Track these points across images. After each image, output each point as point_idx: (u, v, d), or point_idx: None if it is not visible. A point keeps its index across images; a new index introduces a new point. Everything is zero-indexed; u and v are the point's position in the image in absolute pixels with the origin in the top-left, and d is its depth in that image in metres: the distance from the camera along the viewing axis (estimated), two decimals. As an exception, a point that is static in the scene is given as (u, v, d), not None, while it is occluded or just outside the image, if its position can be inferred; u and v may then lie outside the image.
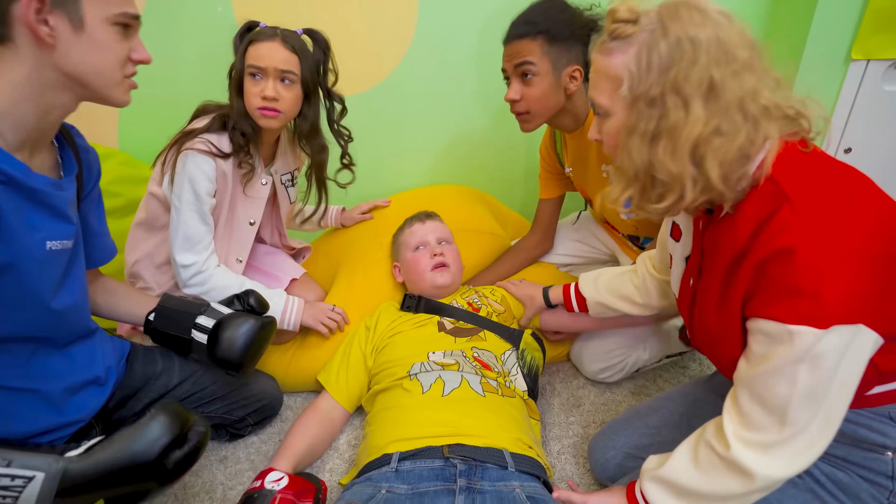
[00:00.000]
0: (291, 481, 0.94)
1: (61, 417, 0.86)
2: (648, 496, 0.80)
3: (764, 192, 0.67)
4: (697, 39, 0.63)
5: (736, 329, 0.72)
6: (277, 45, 1.11)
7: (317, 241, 1.61)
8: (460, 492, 0.84)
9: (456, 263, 1.29)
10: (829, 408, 0.66)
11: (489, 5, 1.54)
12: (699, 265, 0.80)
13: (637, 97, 0.66)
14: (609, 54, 0.69)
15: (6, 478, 0.61)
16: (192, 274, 1.16)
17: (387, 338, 1.20)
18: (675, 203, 0.68)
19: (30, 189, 0.74)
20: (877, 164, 1.57)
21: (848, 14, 1.38)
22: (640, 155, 0.67)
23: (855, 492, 0.75)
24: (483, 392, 1.02)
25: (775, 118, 0.67)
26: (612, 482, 1.02)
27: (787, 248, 0.63)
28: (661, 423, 0.99)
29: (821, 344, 0.62)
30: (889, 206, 0.68)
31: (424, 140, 1.75)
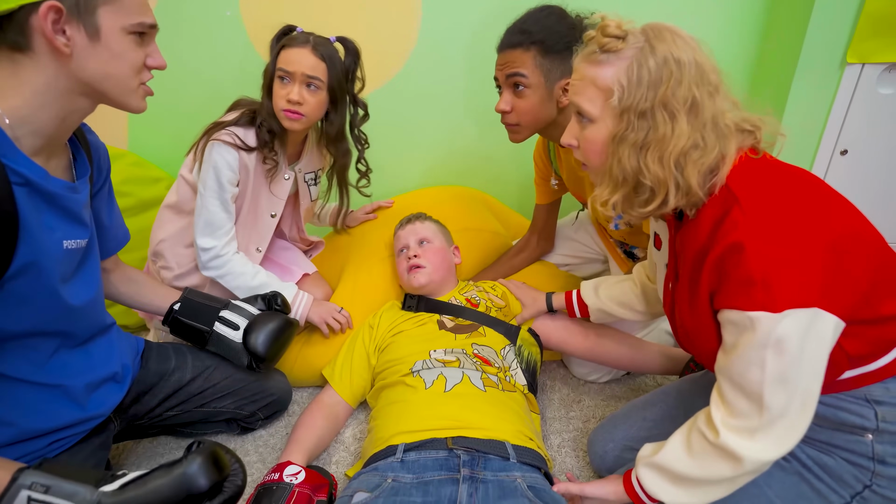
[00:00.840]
0: (308, 475, 0.97)
1: (83, 412, 0.89)
2: (644, 482, 0.83)
3: (718, 196, 0.74)
4: (681, 60, 0.70)
5: (709, 323, 0.77)
6: (307, 52, 1.16)
7: (325, 240, 1.65)
8: (464, 481, 0.87)
9: (435, 262, 1.30)
10: (804, 391, 0.70)
11: (492, 10, 1.56)
12: (675, 269, 0.85)
13: (627, 108, 0.72)
14: (599, 65, 0.74)
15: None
16: (212, 257, 1.21)
17: (389, 337, 1.23)
18: (659, 206, 0.74)
19: (47, 192, 0.77)
20: (873, 165, 1.59)
21: (843, 19, 1.41)
22: (630, 162, 0.73)
23: (839, 474, 0.79)
24: (484, 387, 1.05)
25: (736, 134, 0.73)
26: (610, 473, 1.04)
27: (737, 243, 0.68)
28: (657, 417, 1.02)
29: (779, 328, 0.66)
30: (833, 201, 0.73)
31: (427, 142, 1.78)
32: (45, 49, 0.73)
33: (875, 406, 0.75)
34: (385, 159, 1.78)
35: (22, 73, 0.73)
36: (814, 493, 0.80)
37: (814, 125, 1.56)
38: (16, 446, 0.81)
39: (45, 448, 0.85)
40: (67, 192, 0.81)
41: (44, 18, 0.71)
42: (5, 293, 0.75)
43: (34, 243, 0.75)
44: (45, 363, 0.84)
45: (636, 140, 0.72)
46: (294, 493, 0.93)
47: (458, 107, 1.72)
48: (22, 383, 0.82)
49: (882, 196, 1.63)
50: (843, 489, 0.78)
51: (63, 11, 0.72)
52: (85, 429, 0.91)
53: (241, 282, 1.24)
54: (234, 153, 1.17)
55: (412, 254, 1.30)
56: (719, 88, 0.72)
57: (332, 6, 1.57)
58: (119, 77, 0.79)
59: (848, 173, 1.61)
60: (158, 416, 1.09)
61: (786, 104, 1.53)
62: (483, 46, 1.62)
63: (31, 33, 0.72)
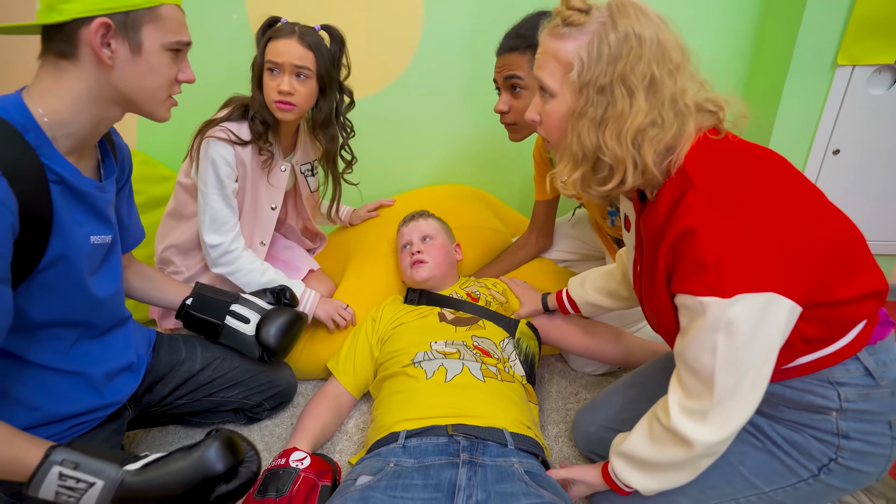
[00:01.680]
0: (313, 461, 1.01)
1: (101, 399, 0.93)
2: (615, 470, 0.87)
3: (675, 178, 0.73)
4: (642, 36, 0.69)
5: (668, 306, 0.77)
6: (294, 42, 1.17)
7: (328, 237, 1.69)
8: (463, 465, 0.90)
9: (437, 257, 1.34)
10: (754, 373, 0.70)
11: (494, 13, 1.61)
12: (641, 251, 0.86)
13: (586, 83, 0.71)
14: (561, 39, 0.73)
15: (73, 479, 0.69)
16: (221, 253, 1.24)
17: (391, 329, 1.27)
18: (617, 185, 0.74)
19: (79, 191, 0.83)
20: (864, 164, 1.63)
21: (833, 22, 1.45)
22: (590, 138, 0.72)
23: (807, 450, 0.81)
24: (483, 377, 1.08)
25: (697, 113, 0.73)
26: (594, 454, 1.08)
27: (689, 227, 0.68)
28: (637, 398, 1.04)
29: (729, 312, 0.67)
30: (795, 183, 0.73)
31: (429, 141, 1.82)
32: (90, 59, 0.78)
33: (838, 388, 0.77)
34: (389, 158, 1.83)
35: (64, 79, 0.78)
36: (784, 469, 0.83)
37: (806, 125, 1.60)
38: (39, 429, 0.85)
39: (65, 431, 0.89)
40: (96, 191, 0.86)
41: (94, 32, 0.76)
42: (36, 283, 0.79)
43: (65, 237, 0.80)
44: (67, 351, 0.89)
45: (595, 116, 0.71)
46: (300, 478, 0.96)
47: (459, 108, 1.77)
48: (47, 370, 0.86)
49: (874, 194, 1.67)
50: (812, 463, 0.81)
51: (112, 27, 0.77)
52: (102, 415, 0.95)
53: (250, 279, 1.27)
54: (229, 148, 1.19)
55: (415, 249, 1.34)
56: (681, 67, 0.71)
57: (337, 10, 1.61)
58: (152, 89, 0.84)
59: (840, 172, 1.65)
60: (169, 404, 1.13)
61: (779, 105, 1.57)
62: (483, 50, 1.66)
63: (79, 44, 0.77)
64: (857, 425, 0.78)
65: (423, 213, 1.44)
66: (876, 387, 0.77)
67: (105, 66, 0.79)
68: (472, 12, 1.62)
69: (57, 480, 0.68)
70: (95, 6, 0.76)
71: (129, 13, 0.79)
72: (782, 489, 0.83)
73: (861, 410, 0.78)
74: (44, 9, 0.76)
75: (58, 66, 0.78)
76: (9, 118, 0.74)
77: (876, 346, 0.77)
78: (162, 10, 0.82)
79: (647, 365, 1.14)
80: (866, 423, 0.78)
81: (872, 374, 0.77)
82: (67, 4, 0.75)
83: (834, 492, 0.82)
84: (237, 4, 1.59)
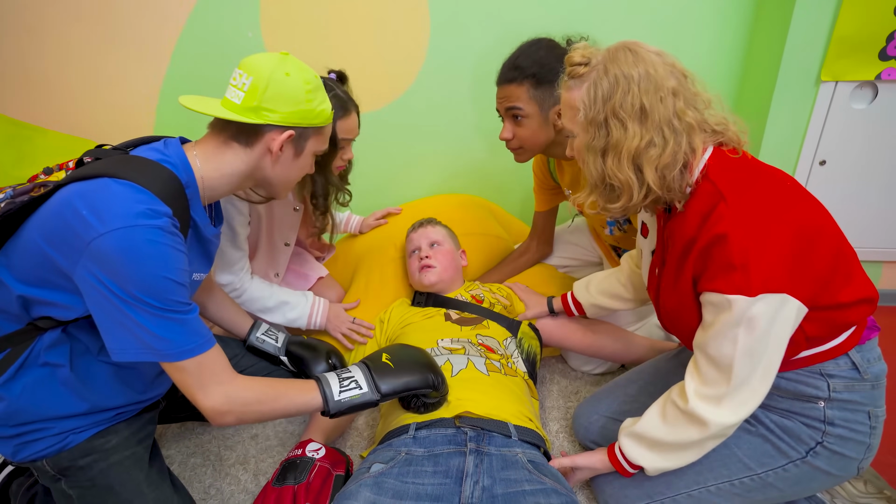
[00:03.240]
0: (328, 452, 1.07)
1: (146, 394, 0.99)
2: (625, 450, 0.94)
3: (704, 191, 0.83)
4: (630, 75, 0.81)
5: (690, 304, 0.87)
6: (356, 118, 1.26)
7: (337, 245, 1.75)
8: (470, 453, 0.96)
9: (444, 262, 1.40)
10: (766, 364, 0.80)
11: (497, 30, 1.69)
12: (662, 256, 0.95)
13: (589, 122, 0.85)
14: (570, 90, 0.89)
15: (341, 372, 0.96)
16: (231, 290, 1.31)
17: (399, 329, 1.33)
18: (626, 203, 0.85)
19: (203, 238, 0.95)
20: (849, 174, 1.71)
21: (816, 41, 1.53)
22: (596, 166, 0.86)
23: (797, 434, 0.90)
24: (487, 372, 1.14)
25: (702, 131, 0.83)
26: (593, 443, 1.15)
27: (722, 234, 0.78)
28: (637, 392, 1.13)
29: (752, 309, 0.76)
30: (802, 198, 0.83)
31: (434, 154, 1.89)
32: (259, 152, 0.92)
33: (828, 379, 0.87)
34: (396, 169, 1.90)
35: (229, 156, 0.92)
36: (776, 451, 0.91)
37: (793, 138, 1.68)
38: (88, 416, 0.91)
39: (111, 419, 0.94)
40: (214, 238, 0.99)
41: (282, 140, 0.90)
42: None
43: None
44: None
45: (597, 146, 0.84)
46: (316, 466, 1.03)
47: (463, 122, 1.84)
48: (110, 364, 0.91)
49: (859, 202, 1.75)
50: (800, 446, 0.89)
51: (293, 136, 0.91)
52: (144, 405, 1.01)
53: (259, 305, 1.34)
54: (244, 202, 1.23)
55: (424, 254, 1.41)
56: (678, 91, 0.82)
57: (348, 27, 1.69)
58: (292, 181, 1.00)
59: (827, 182, 1.73)
60: None
61: (767, 119, 1.65)
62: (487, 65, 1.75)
63: (259, 140, 0.91)
64: (842, 413, 0.87)
65: (431, 221, 1.51)
66: (860, 380, 0.86)
67: (269, 160, 0.93)
68: (477, 29, 1.70)
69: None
70: (289, 120, 0.90)
71: (308, 128, 0.93)
72: (773, 471, 0.91)
73: (846, 400, 0.87)
74: (246, 108, 0.89)
75: (228, 145, 0.91)
76: (176, 172, 0.85)
77: (863, 346, 0.87)
78: (327, 128, 0.98)
79: (644, 365, 1.22)
80: (849, 412, 0.87)
81: (858, 369, 0.86)
82: (269, 113, 0.88)
83: (820, 475, 0.90)
84: (252, 23, 1.67)
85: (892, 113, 1.61)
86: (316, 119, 0.93)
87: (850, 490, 1.04)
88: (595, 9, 1.68)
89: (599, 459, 0.99)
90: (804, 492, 0.94)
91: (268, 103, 0.88)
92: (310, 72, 0.93)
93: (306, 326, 1.38)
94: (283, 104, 0.89)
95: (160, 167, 0.84)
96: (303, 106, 0.90)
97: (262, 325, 1.28)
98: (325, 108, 0.95)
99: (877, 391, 0.87)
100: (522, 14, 1.68)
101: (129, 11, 1.63)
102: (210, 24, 1.66)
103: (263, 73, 0.88)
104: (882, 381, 0.88)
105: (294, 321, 1.37)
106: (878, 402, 0.88)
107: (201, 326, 0.84)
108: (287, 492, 0.97)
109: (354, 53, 1.71)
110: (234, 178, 0.93)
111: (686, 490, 0.94)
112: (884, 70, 1.54)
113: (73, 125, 1.75)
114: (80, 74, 1.67)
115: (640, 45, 0.84)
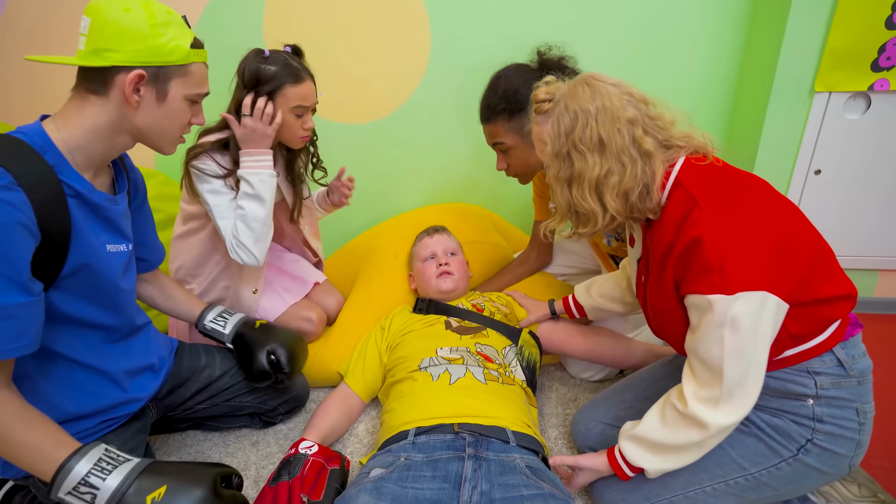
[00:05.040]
0: (321, 448, 1.09)
1: (125, 394, 1.01)
2: (625, 453, 0.95)
3: (678, 198, 0.87)
4: (587, 110, 0.87)
5: (675, 309, 0.89)
6: (311, 83, 1.28)
7: (336, 254, 1.77)
8: (469, 458, 0.97)
9: (460, 272, 1.45)
10: (756, 363, 0.81)
11: (496, 40, 1.72)
12: (647, 263, 0.97)
13: (555, 154, 0.91)
14: (539, 125, 0.96)
15: (113, 454, 0.82)
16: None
17: (400, 336, 1.34)
18: (593, 227, 0.91)
19: (93, 203, 0.90)
20: (844, 184, 1.73)
21: (809, 53, 1.56)
22: (564, 196, 0.92)
23: (787, 432, 0.91)
24: (485, 380, 1.15)
25: (666, 149, 0.88)
26: (591, 449, 1.15)
27: (697, 238, 0.81)
28: (633, 398, 1.14)
29: (733, 308, 0.78)
30: (774, 199, 0.86)
31: (434, 163, 1.91)
32: (117, 99, 0.88)
33: (814, 376, 0.88)
34: (395, 178, 1.92)
35: (87, 110, 0.88)
36: (768, 450, 0.92)
37: (788, 148, 1.70)
38: (69, 424, 0.91)
39: (94, 427, 0.96)
40: (109, 203, 0.94)
41: (129, 81, 0.86)
42: (62, 289, 0.87)
43: (83, 246, 0.88)
44: (91, 349, 0.96)
45: (563, 177, 0.90)
46: (308, 461, 1.04)
47: (463, 132, 1.86)
48: (73, 364, 0.93)
49: (854, 211, 1.76)
50: (791, 444, 0.91)
51: (145, 77, 0.87)
52: (128, 411, 1.01)
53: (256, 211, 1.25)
54: (219, 179, 1.24)
55: (443, 261, 1.43)
56: (636, 120, 0.86)
57: (349, 37, 1.72)
58: (168, 131, 0.95)
59: (822, 191, 1.75)
60: (190, 408, 1.20)
61: (762, 129, 1.67)
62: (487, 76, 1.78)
63: (112, 85, 0.87)
64: (830, 410, 0.88)
65: (442, 229, 1.54)
66: (846, 376, 0.88)
67: (130, 107, 0.89)
68: (476, 40, 1.73)
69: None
70: (135, 58, 0.86)
71: (163, 67, 0.89)
72: (766, 470, 0.92)
73: (833, 397, 0.88)
74: (88, 52, 0.85)
75: (86, 99, 0.88)
76: (28, 140, 0.83)
77: (847, 343, 0.89)
78: (192, 66, 0.93)
79: (639, 372, 1.23)
80: (837, 409, 0.88)
81: (844, 365, 0.88)
82: (111, 53, 0.85)
83: (812, 472, 0.91)
84: (255, 37, 1.70)
85: (885, 123, 1.64)
86: (170, 56, 0.87)
87: (845, 493, 1.05)
88: (592, 24, 1.71)
89: (600, 461, 1.00)
90: (798, 490, 0.94)
91: (107, 43, 0.83)
92: (159, 7, 0.88)
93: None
94: (124, 42, 0.83)
95: (4, 136, 0.81)
96: (149, 42, 0.85)
97: (214, 310, 1.23)
98: (181, 43, 0.88)
99: (863, 387, 0.89)
100: (521, 28, 1.71)
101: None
102: (214, 38, 1.66)
103: (99, 10, 0.83)
104: (868, 377, 0.90)
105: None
106: (865, 398, 0.89)
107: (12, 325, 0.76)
108: (283, 487, 0.99)
109: (356, 64, 1.74)
110: (101, 133, 0.88)
111: (682, 491, 0.95)
112: (876, 81, 1.57)
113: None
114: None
115: (597, 78, 0.89)
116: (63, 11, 1.67)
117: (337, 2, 1.68)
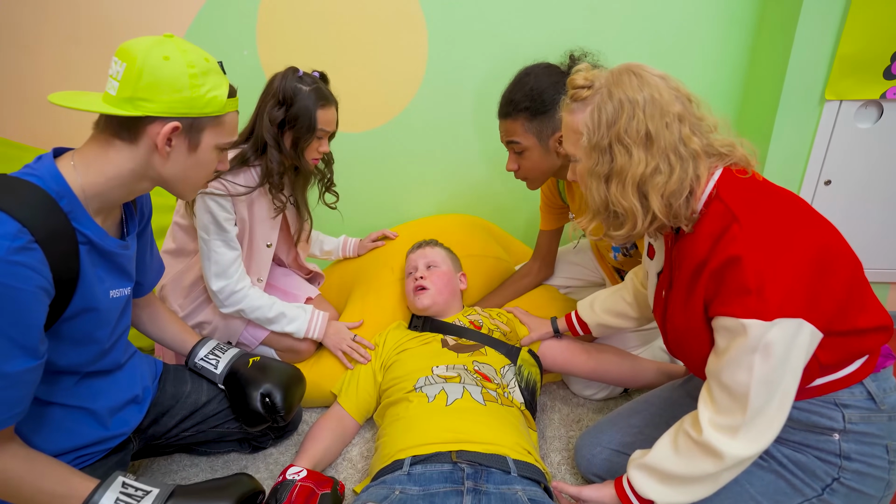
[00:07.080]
0: (310, 473, 1.03)
1: (106, 432, 0.95)
2: (634, 483, 0.88)
3: (715, 212, 0.80)
4: (635, 100, 0.79)
5: (701, 328, 0.83)
6: (334, 111, 1.27)
7: (331, 267, 1.72)
8: (468, 493, 0.91)
9: (438, 284, 1.36)
10: (783, 392, 0.76)
11: (495, 48, 1.68)
12: (670, 278, 0.91)
13: (593, 146, 0.82)
14: (572, 113, 0.87)
15: (132, 488, 0.83)
16: (227, 295, 1.27)
17: (394, 355, 1.29)
18: (630, 230, 0.82)
19: (104, 251, 0.87)
20: (855, 194, 1.68)
21: (819, 60, 1.51)
22: (600, 193, 0.83)
23: (811, 470, 0.85)
24: (484, 401, 1.10)
25: (708, 156, 0.81)
26: (597, 477, 1.09)
27: (735, 256, 0.75)
28: (642, 423, 1.08)
29: (768, 335, 0.72)
30: (817, 221, 0.80)
31: (433, 172, 1.87)
32: (146, 147, 0.83)
33: (842, 409, 0.82)
34: (394, 188, 1.88)
35: (112, 156, 0.83)
36: (790, 488, 0.86)
37: (798, 157, 1.66)
38: None
39: (69, 463, 0.88)
40: (120, 249, 0.90)
41: (164, 133, 0.81)
42: (55, 334, 0.82)
43: (87, 293, 0.84)
44: (72, 388, 0.91)
45: (601, 172, 0.82)
46: (296, 487, 0.99)
47: (463, 141, 1.82)
48: (51, 405, 0.88)
49: (865, 222, 1.71)
50: (815, 483, 0.85)
51: (179, 129, 0.82)
52: (107, 447, 0.96)
53: (259, 314, 1.32)
54: (227, 200, 1.22)
55: (419, 275, 1.37)
56: (684, 116, 0.79)
57: (345, 45, 1.67)
58: (193, 179, 0.91)
59: (832, 202, 1.70)
60: (175, 436, 1.14)
61: (771, 138, 1.63)
62: (486, 83, 1.74)
63: (142, 134, 0.82)
64: (858, 447, 0.82)
65: (432, 242, 1.48)
66: (877, 411, 0.82)
67: (159, 156, 0.84)
68: (474, 47, 1.69)
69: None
70: (172, 109, 0.80)
71: (198, 118, 0.84)
72: None
73: (862, 432, 0.82)
74: (120, 99, 0.80)
75: (111, 144, 0.82)
76: (45, 186, 0.78)
77: (878, 374, 0.83)
78: (226, 116, 0.88)
79: (649, 395, 1.17)
80: (866, 446, 0.82)
81: (874, 399, 0.82)
82: (146, 103, 0.79)
83: None
84: (248, 41, 1.66)
85: (898, 132, 1.59)
86: (206, 107, 0.83)
87: None
88: (596, 29, 1.67)
89: (607, 492, 0.93)
90: None
91: (143, 92, 0.78)
92: (197, 53, 0.83)
93: (304, 336, 1.37)
94: (161, 92, 0.79)
95: (19, 181, 0.76)
96: (186, 93, 0.80)
97: (208, 345, 1.18)
98: (219, 94, 0.84)
99: (894, 423, 0.83)
100: (521, 34, 1.67)
101: (126, 33, 1.60)
102: (206, 43, 1.64)
103: (137, 58, 0.78)
104: None
105: (292, 334, 1.36)
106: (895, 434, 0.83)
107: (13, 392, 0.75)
108: (270, 515, 0.93)
109: (352, 71, 1.70)
110: (125, 181, 0.84)
111: None
112: (889, 89, 1.52)
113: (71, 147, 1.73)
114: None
115: (644, 69, 0.82)
116: (52, 21, 1.63)
117: (332, 9, 1.64)
